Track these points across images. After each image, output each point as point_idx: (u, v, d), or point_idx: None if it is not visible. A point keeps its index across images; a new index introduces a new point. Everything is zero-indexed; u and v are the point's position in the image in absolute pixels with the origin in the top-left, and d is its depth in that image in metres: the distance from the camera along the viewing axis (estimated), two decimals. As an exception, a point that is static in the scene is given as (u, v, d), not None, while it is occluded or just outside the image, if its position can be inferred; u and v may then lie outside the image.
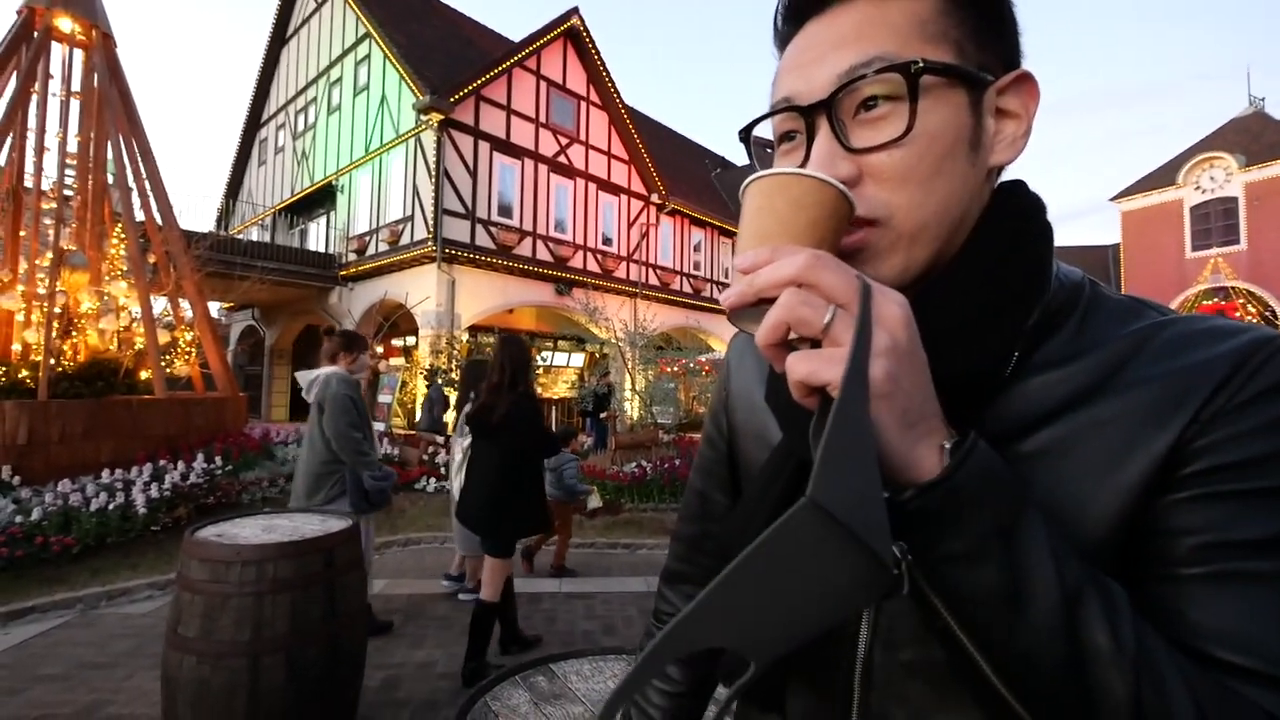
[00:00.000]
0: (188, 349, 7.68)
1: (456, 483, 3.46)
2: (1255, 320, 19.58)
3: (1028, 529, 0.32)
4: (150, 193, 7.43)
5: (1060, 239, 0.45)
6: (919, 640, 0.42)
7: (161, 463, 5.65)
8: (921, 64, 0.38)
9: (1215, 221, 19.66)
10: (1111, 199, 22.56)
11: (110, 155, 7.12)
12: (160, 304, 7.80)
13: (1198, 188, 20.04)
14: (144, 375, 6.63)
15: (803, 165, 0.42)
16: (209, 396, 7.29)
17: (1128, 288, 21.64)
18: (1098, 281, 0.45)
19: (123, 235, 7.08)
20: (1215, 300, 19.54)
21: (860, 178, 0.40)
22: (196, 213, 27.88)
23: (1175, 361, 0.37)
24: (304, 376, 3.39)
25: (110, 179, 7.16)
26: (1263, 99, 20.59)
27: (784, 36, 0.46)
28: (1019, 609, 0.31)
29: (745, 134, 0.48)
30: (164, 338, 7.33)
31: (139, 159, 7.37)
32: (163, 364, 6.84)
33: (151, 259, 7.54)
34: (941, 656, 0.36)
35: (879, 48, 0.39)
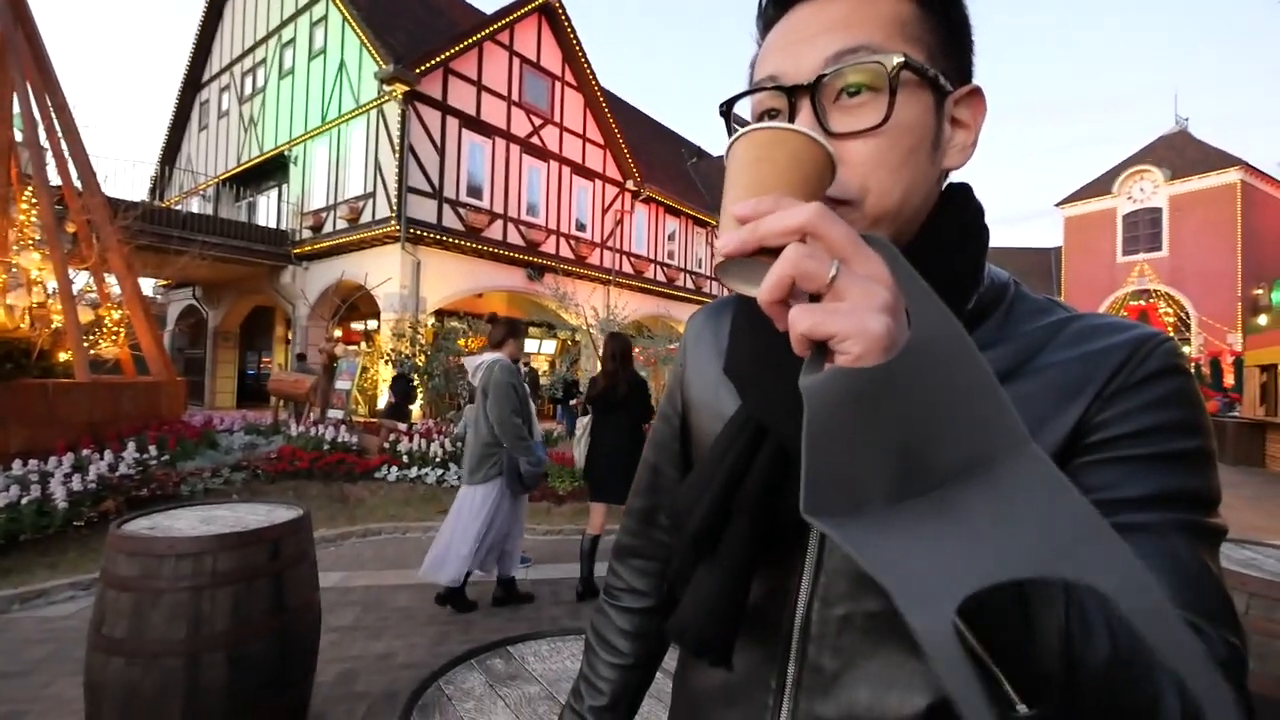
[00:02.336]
0: (115, 328, 7.05)
1: (580, 450, 4.03)
2: (1171, 320, 21.33)
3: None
4: (68, 154, 6.72)
5: (1011, 240, 0.59)
6: (852, 597, 0.47)
7: (85, 452, 5.13)
8: (905, 60, 0.41)
9: (1143, 229, 21.65)
10: (1056, 204, 24.28)
11: (17, 109, 6.38)
12: (83, 279, 7.14)
13: (1129, 198, 21.97)
14: (64, 357, 6.04)
15: None
16: (141, 380, 6.69)
17: (1067, 287, 23.41)
18: (1020, 282, 0.51)
19: (34, 200, 6.38)
20: (1140, 302, 21.23)
21: (838, 160, 0.42)
22: (126, 179, 25.79)
23: (1081, 348, 0.44)
24: (470, 362, 3.69)
25: (18, 136, 6.45)
26: (1187, 119, 22.70)
27: (769, 19, 0.48)
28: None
29: (727, 108, 0.50)
30: (87, 316, 6.69)
31: (52, 114, 6.62)
32: (86, 345, 6.23)
33: (70, 228, 6.84)
34: (874, 609, 0.45)
35: (866, 37, 0.42)
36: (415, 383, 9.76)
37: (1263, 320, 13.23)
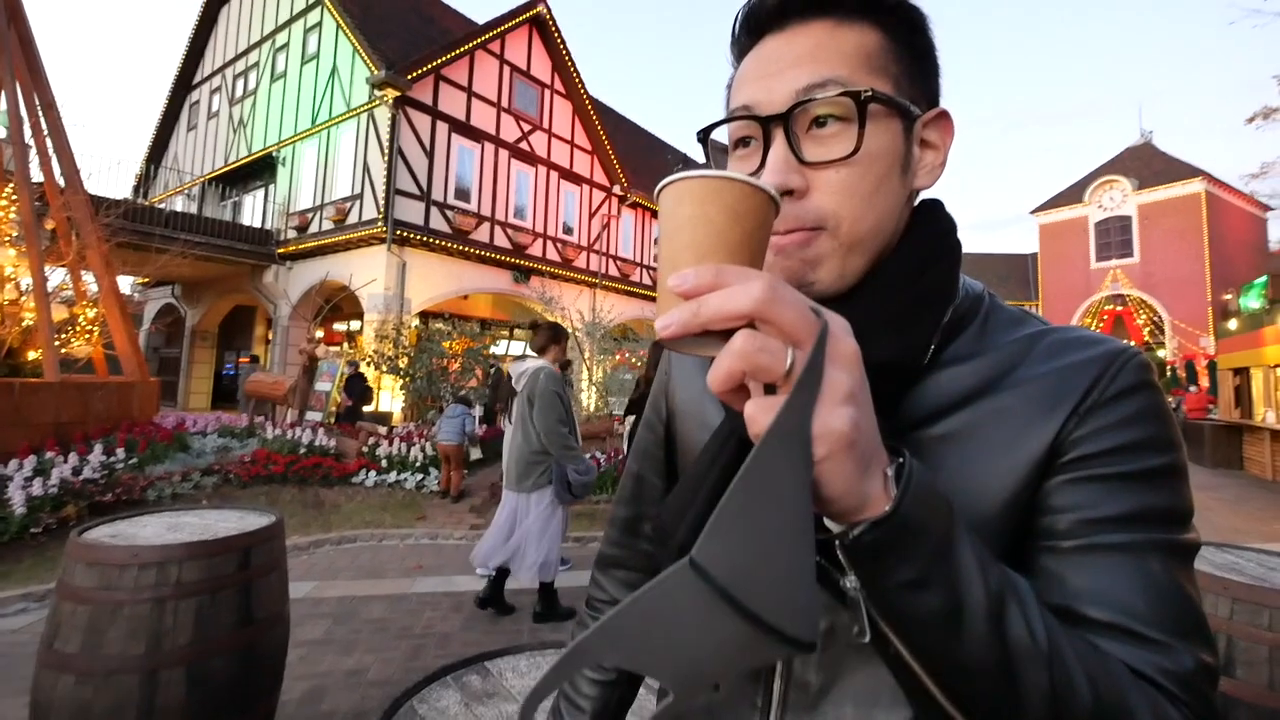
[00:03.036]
0: (89, 327, 6.89)
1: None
2: (1146, 324, 21.86)
3: (959, 544, 0.33)
4: (52, 151, 6.61)
5: (988, 247, 0.59)
6: (836, 611, 0.46)
7: (49, 455, 4.97)
8: (871, 93, 0.42)
9: (1114, 236, 22.19)
10: (1031, 212, 24.77)
11: (3, 106, 6.28)
12: (59, 276, 6.99)
13: (1100, 206, 22.55)
14: (34, 355, 5.88)
15: (757, 171, 0.45)
16: (112, 380, 6.54)
17: (1044, 293, 24.03)
18: (994, 294, 0.52)
19: (13, 196, 6.24)
20: (1114, 306, 21.76)
21: (809, 189, 0.44)
22: (109, 177, 25.37)
23: (1056, 362, 0.45)
24: (515, 368, 3.56)
25: (2, 132, 6.32)
26: (1151, 131, 23.57)
27: (743, 46, 0.49)
28: (958, 624, 0.33)
29: (704, 135, 0.50)
30: (61, 314, 6.55)
31: (39, 112, 6.54)
32: (58, 343, 6.08)
33: (50, 225, 6.71)
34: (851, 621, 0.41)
35: (833, 70, 0.44)
36: (369, 382, 9.61)
37: (1233, 324, 13.51)
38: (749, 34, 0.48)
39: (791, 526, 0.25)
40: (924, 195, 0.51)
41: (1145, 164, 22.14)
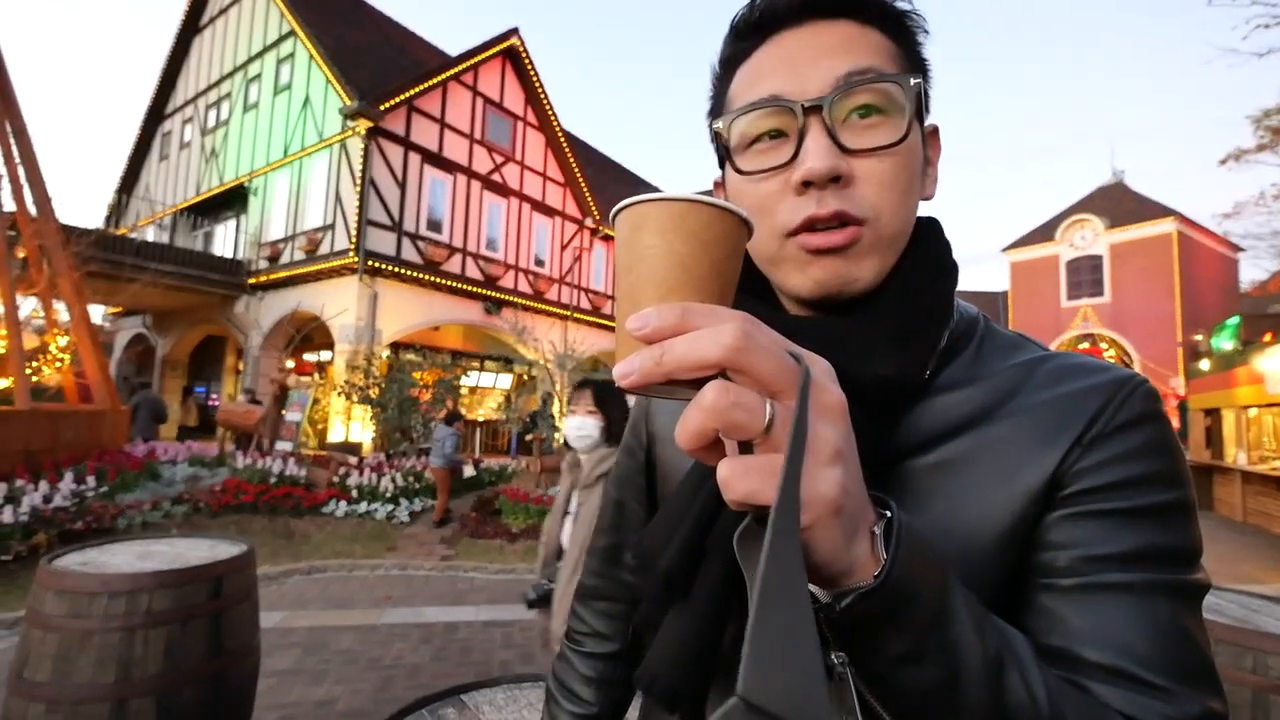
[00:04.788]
0: (60, 355, 6.83)
1: None
2: (1114, 362, 22.49)
3: (955, 608, 0.31)
4: (24, 180, 6.63)
5: (960, 284, 0.51)
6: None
7: (19, 483, 4.95)
8: (921, 82, 0.42)
9: (1085, 275, 22.18)
10: (1003, 250, 24.94)
11: None
12: (30, 304, 6.94)
13: (1071, 245, 22.57)
14: (4, 383, 5.83)
15: (789, 164, 0.42)
16: (83, 409, 6.50)
17: (1016, 330, 23.92)
18: (989, 317, 0.51)
19: (-16, 226, 6.26)
20: (1085, 345, 21.95)
21: (853, 178, 0.42)
22: (81, 206, 25.02)
23: (1057, 389, 0.42)
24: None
25: None
26: (1123, 171, 23.83)
27: (749, 45, 0.46)
28: (954, 694, 0.30)
29: (718, 130, 0.47)
30: (32, 342, 6.50)
31: (11, 140, 6.56)
32: (28, 371, 6.04)
33: (21, 253, 6.70)
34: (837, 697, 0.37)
35: (871, 60, 0.42)
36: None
37: (1204, 365, 13.62)
38: (758, 30, 0.46)
39: (804, 619, 0.22)
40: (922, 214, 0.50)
41: (1116, 203, 22.20)
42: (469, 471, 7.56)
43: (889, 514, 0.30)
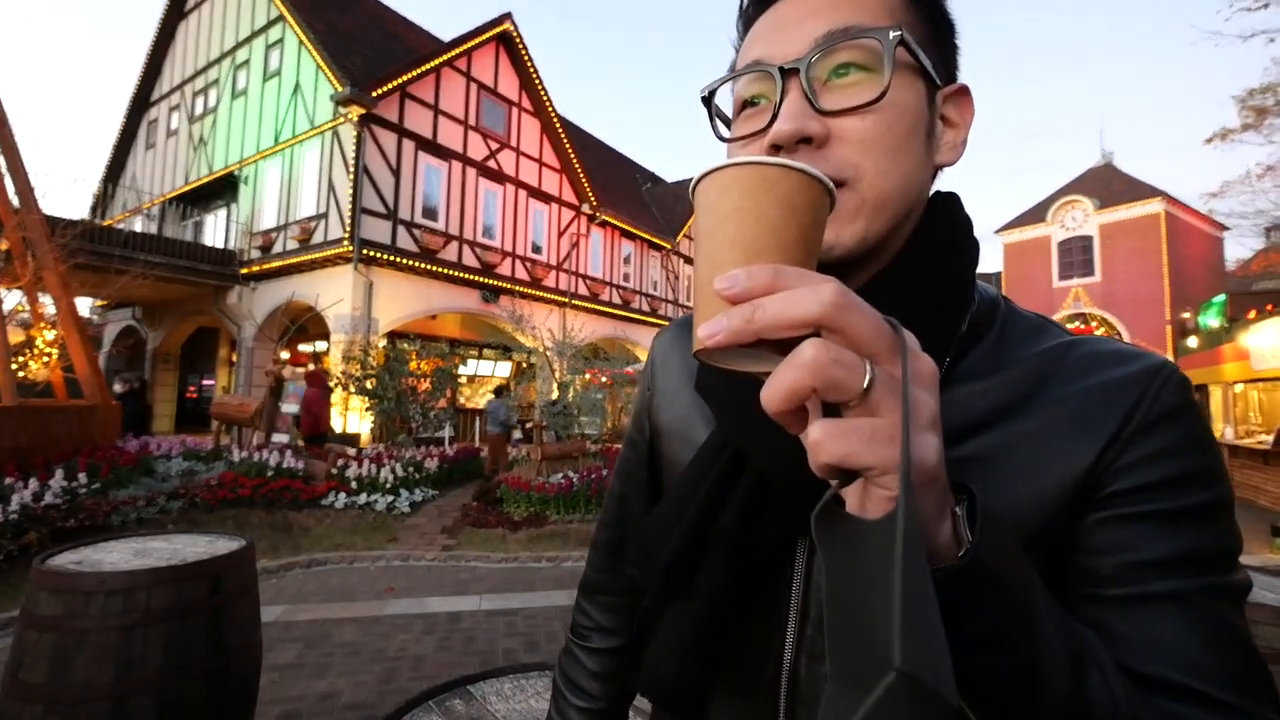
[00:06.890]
0: (47, 350, 6.71)
1: None
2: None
3: (1036, 598, 0.30)
4: (6, 170, 6.47)
5: None
6: None
7: (8, 481, 4.85)
8: (901, 33, 0.39)
9: (1076, 256, 22.64)
10: (996, 231, 25.33)
11: None
12: (15, 298, 6.79)
13: (1062, 226, 23.02)
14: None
15: (766, 129, 0.41)
16: (72, 404, 6.38)
17: None
18: (1009, 299, 0.48)
19: (-34, 217, 6.11)
20: (1077, 325, 22.42)
21: (829, 138, 0.40)
22: (65, 197, 24.81)
23: (1090, 379, 0.40)
24: None
25: None
26: (1112, 152, 24.16)
27: (750, 17, 0.46)
28: (1035, 686, 0.29)
29: (709, 97, 0.47)
30: (18, 336, 6.37)
31: (-9, 130, 6.41)
32: (14, 367, 5.92)
33: (4, 245, 6.55)
34: None
35: (855, 17, 0.41)
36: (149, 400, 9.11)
37: (1192, 342, 13.95)
38: (757, 2, 0.46)
39: (931, 589, 0.22)
40: (939, 189, 0.48)
41: (1105, 184, 22.67)
42: (517, 435, 9.18)
43: (969, 497, 0.30)
